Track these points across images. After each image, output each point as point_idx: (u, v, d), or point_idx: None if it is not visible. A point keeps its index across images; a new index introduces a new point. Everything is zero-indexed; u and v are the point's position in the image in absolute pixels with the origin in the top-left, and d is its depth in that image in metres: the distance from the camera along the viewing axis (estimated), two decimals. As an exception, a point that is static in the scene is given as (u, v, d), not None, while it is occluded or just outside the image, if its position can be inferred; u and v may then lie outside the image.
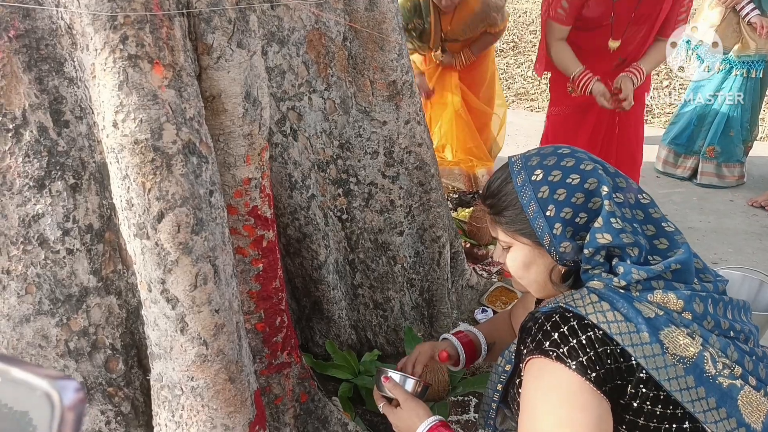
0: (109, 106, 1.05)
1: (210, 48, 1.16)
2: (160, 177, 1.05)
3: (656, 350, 0.77)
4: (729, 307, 0.87)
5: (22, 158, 1.14)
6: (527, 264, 0.92)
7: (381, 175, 1.83)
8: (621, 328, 0.78)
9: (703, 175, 3.50)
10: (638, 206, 0.88)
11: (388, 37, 1.72)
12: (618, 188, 0.86)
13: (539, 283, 0.93)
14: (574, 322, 0.81)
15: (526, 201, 0.87)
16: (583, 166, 0.86)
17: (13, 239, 1.17)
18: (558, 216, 0.84)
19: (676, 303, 0.80)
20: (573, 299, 0.84)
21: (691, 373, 0.77)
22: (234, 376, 1.16)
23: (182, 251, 1.08)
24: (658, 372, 0.77)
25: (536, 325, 0.85)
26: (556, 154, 0.89)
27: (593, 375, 0.77)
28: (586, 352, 0.78)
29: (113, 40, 1.02)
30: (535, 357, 0.82)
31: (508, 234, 0.91)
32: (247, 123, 1.26)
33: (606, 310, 0.80)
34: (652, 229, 0.87)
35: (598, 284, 0.83)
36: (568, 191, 0.85)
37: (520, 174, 0.89)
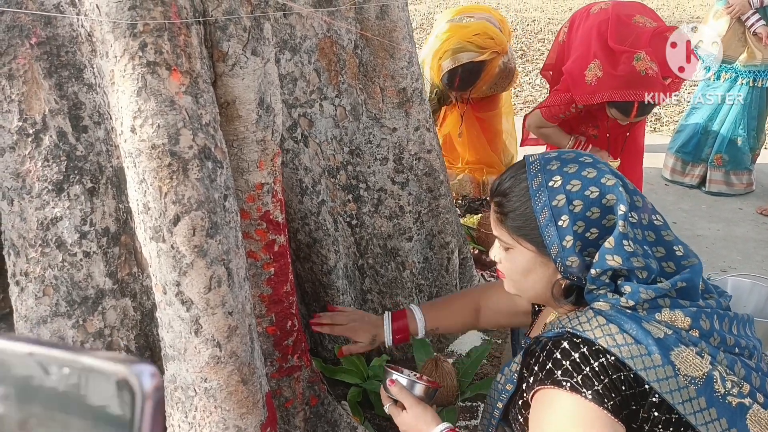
0: (128, 112, 1.08)
1: (225, 55, 1.19)
2: (176, 181, 1.07)
3: (668, 372, 0.76)
4: (734, 323, 0.86)
5: (41, 162, 1.17)
6: (527, 270, 0.89)
7: (390, 181, 1.85)
8: (632, 351, 0.76)
9: (711, 183, 3.50)
10: (651, 227, 0.85)
11: (399, 45, 1.75)
12: (634, 207, 0.84)
13: (536, 291, 0.91)
14: (584, 348, 0.78)
15: (540, 207, 0.84)
16: (604, 180, 0.83)
17: (31, 242, 1.19)
18: (570, 228, 0.82)
19: (683, 321, 0.79)
20: (580, 323, 0.81)
21: (702, 394, 0.76)
22: (246, 377, 1.17)
23: (197, 254, 1.10)
24: (671, 395, 0.75)
25: (544, 351, 0.82)
26: (577, 162, 0.86)
27: (610, 403, 0.75)
28: (601, 380, 0.76)
29: (132, 47, 1.04)
30: (547, 388, 0.80)
31: (512, 236, 0.89)
32: (261, 129, 1.28)
33: (615, 333, 0.78)
34: (662, 251, 0.85)
35: (605, 305, 0.81)
36: (585, 204, 0.82)
37: (537, 177, 0.86)
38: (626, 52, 2.13)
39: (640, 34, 2.17)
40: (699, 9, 8.79)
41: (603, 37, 2.24)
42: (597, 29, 2.27)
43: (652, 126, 4.79)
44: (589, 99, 2.20)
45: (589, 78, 2.19)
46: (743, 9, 3.07)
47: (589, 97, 2.20)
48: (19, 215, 1.18)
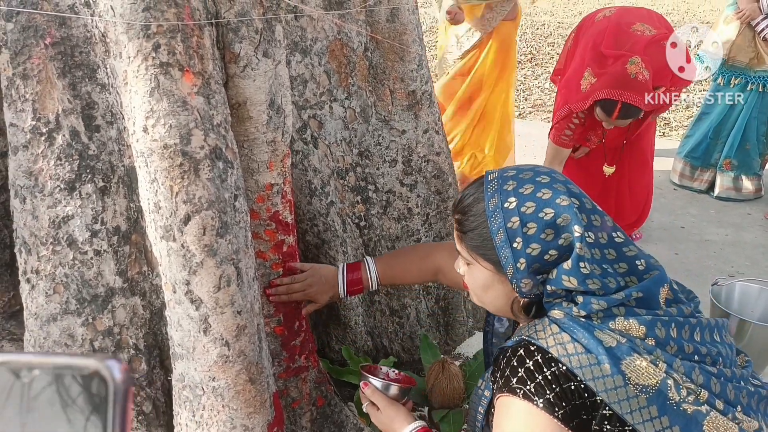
0: (140, 112, 1.09)
1: (237, 57, 1.20)
2: (187, 181, 1.08)
3: (618, 382, 0.76)
4: (697, 330, 0.85)
5: (54, 161, 1.18)
6: (486, 287, 0.90)
7: (399, 183, 1.85)
8: (581, 361, 0.77)
9: (720, 188, 3.48)
10: (611, 245, 0.85)
11: (409, 47, 1.75)
12: (591, 227, 0.84)
13: (497, 306, 0.92)
14: (538, 356, 0.80)
15: (495, 228, 0.84)
16: (559, 201, 0.83)
17: (43, 240, 1.20)
18: (524, 251, 0.82)
19: (638, 329, 0.79)
20: (536, 331, 0.83)
21: (654, 402, 0.76)
22: (254, 377, 1.18)
23: (207, 253, 1.10)
24: (620, 405, 0.76)
25: (504, 359, 0.84)
26: (533, 182, 0.86)
27: (560, 412, 0.76)
28: (552, 388, 0.77)
29: (146, 48, 1.05)
30: (504, 395, 0.82)
31: (471, 254, 0.90)
32: (271, 130, 1.29)
33: (566, 342, 0.79)
34: (624, 266, 0.85)
35: (559, 314, 0.82)
36: (538, 226, 0.82)
37: (493, 197, 0.86)
38: (622, 56, 2.12)
39: (636, 41, 2.17)
40: (709, 14, 8.75)
41: (597, 48, 2.25)
42: (594, 40, 2.28)
43: (661, 131, 4.77)
44: (583, 104, 2.20)
45: (584, 86, 2.20)
46: (753, 14, 3.06)
47: (582, 102, 2.20)
48: (31, 213, 1.20)
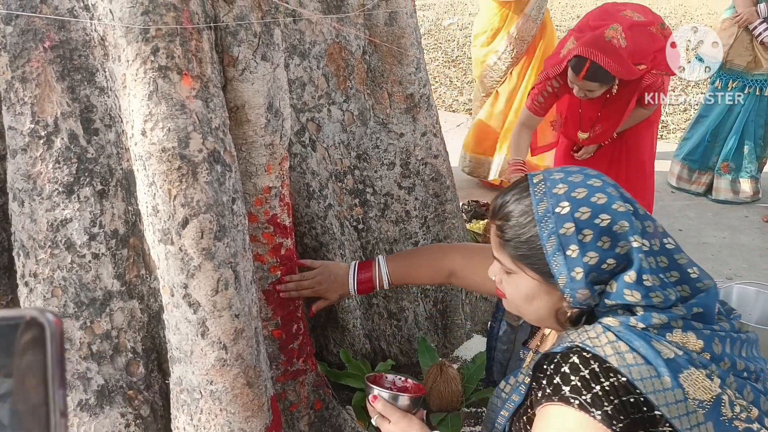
0: (139, 115, 1.09)
1: (235, 60, 1.20)
2: (185, 184, 1.08)
3: (678, 396, 0.73)
4: (744, 345, 0.84)
5: (52, 164, 1.18)
6: (530, 297, 0.85)
7: (397, 186, 1.86)
8: (642, 373, 0.74)
9: (718, 191, 3.49)
10: (663, 252, 0.82)
11: (407, 51, 1.76)
12: (646, 233, 0.80)
13: (539, 316, 0.87)
14: (595, 365, 0.76)
15: (546, 234, 0.79)
16: (615, 206, 0.79)
17: (41, 243, 1.20)
18: (580, 259, 0.77)
19: (695, 343, 0.77)
20: (589, 338, 0.78)
21: (710, 418, 0.74)
22: (252, 380, 1.18)
23: (205, 257, 1.10)
24: (680, 420, 0.73)
25: (552, 365, 0.80)
26: (586, 186, 0.81)
27: (619, 426, 0.73)
28: (611, 400, 0.74)
29: (145, 51, 1.06)
30: (554, 404, 0.77)
31: (515, 262, 0.83)
32: (269, 133, 1.29)
33: (624, 352, 0.75)
34: (676, 275, 0.82)
35: (614, 322, 0.78)
36: (594, 233, 0.77)
37: (542, 201, 0.81)
38: (604, 24, 2.14)
39: (622, 20, 2.18)
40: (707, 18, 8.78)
41: (585, 22, 2.28)
42: (584, 18, 2.33)
43: (659, 133, 4.78)
44: (559, 66, 2.21)
45: (563, 52, 2.21)
46: (751, 18, 3.07)
47: (559, 64, 2.21)
48: (29, 217, 1.20)
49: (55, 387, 0.29)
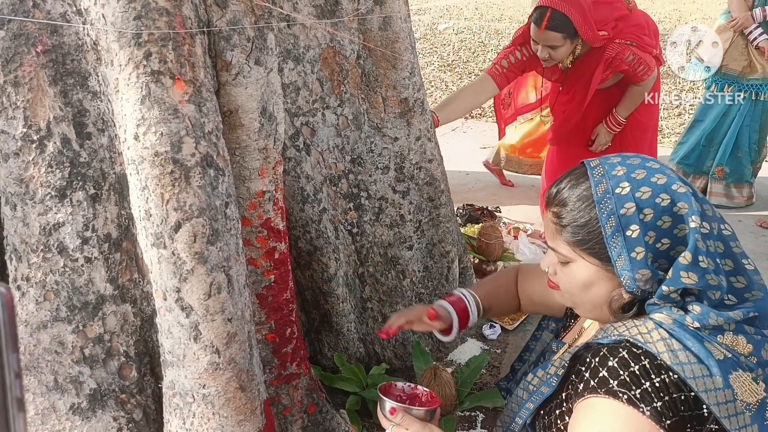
0: (131, 120, 1.09)
1: (229, 65, 1.20)
2: (178, 188, 1.08)
3: (728, 396, 0.73)
4: None
5: (45, 168, 1.18)
6: (587, 285, 0.83)
7: (391, 190, 1.86)
8: (695, 372, 0.73)
9: (712, 196, 3.50)
10: (720, 238, 0.80)
11: (401, 55, 1.76)
12: (705, 216, 0.79)
13: (594, 305, 0.85)
14: (645, 361, 0.75)
15: (606, 215, 0.78)
16: (675, 187, 0.78)
17: (33, 247, 1.20)
18: (641, 239, 0.76)
19: (745, 347, 0.76)
20: (640, 333, 0.77)
21: (756, 421, 0.74)
22: (245, 384, 1.18)
23: (198, 261, 1.10)
24: (729, 421, 0.73)
25: (596, 357, 0.78)
26: (644, 168, 0.80)
27: (668, 423, 0.72)
28: (661, 397, 0.73)
29: (137, 56, 1.06)
30: (600, 396, 0.75)
31: (573, 249, 0.82)
32: (263, 137, 1.29)
33: (678, 350, 0.74)
34: (731, 264, 0.80)
35: (666, 319, 0.77)
36: (655, 212, 0.76)
37: (601, 183, 0.79)
38: None
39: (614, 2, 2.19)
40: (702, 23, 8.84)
41: None
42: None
43: (654, 137, 4.80)
44: (527, 26, 2.19)
45: None
46: (746, 23, 3.09)
47: (528, 24, 2.18)
48: (21, 220, 1.19)
49: (9, 351, 0.33)
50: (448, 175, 2.12)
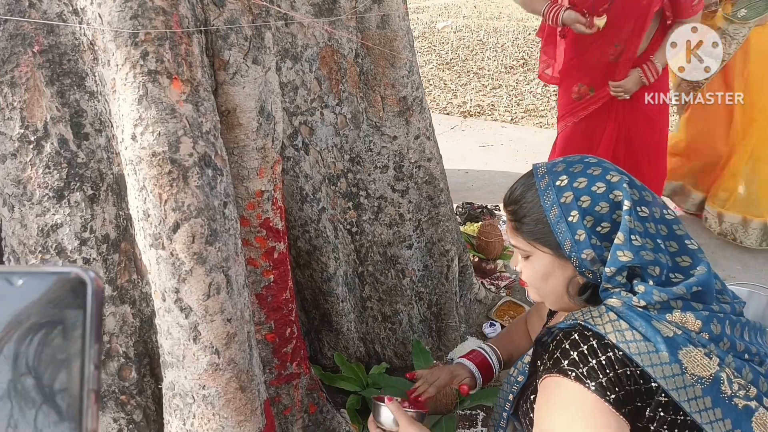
0: (129, 120, 1.08)
1: (226, 64, 1.20)
2: (176, 188, 1.08)
3: (675, 370, 0.76)
4: (746, 329, 0.86)
5: (42, 169, 1.18)
6: (546, 275, 0.90)
7: (391, 189, 1.86)
8: (640, 348, 0.77)
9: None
10: (663, 221, 0.86)
11: (399, 54, 1.76)
12: (644, 202, 0.85)
13: (556, 294, 0.92)
14: (593, 342, 0.80)
15: (548, 205, 0.86)
16: (609, 177, 0.85)
17: (31, 248, 1.20)
18: (581, 222, 0.84)
19: (694, 323, 0.80)
20: (591, 317, 0.83)
21: (708, 393, 0.76)
22: (245, 385, 1.17)
23: (196, 261, 1.10)
24: (678, 393, 0.76)
25: (554, 341, 0.84)
26: (582, 162, 0.89)
27: (612, 397, 0.76)
28: (606, 373, 0.77)
29: (134, 56, 1.05)
30: (553, 375, 0.81)
31: (529, 242, 0.90)
32: (261, 137, 1.29)
33: (625, 330, 0.79)
34: (675, 246, 0.86)
35: (617, 302, 0.82)
36: (592, 199, 0.84)
37: (544, 178, 0.89)
38: None
39: None
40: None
41: None
42: None
43: (653, 135, 4.81)
44: None
45: None
46: None
47: None
48: (19, 222, 1.19)
49: (92, 341, 0.32)
50: (447, 173, 2.12)
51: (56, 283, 0.32)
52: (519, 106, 5.54)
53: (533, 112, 5.39)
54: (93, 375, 0.32)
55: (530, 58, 7.11)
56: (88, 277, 0.32)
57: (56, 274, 0.32)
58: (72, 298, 0.32)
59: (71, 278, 0.32)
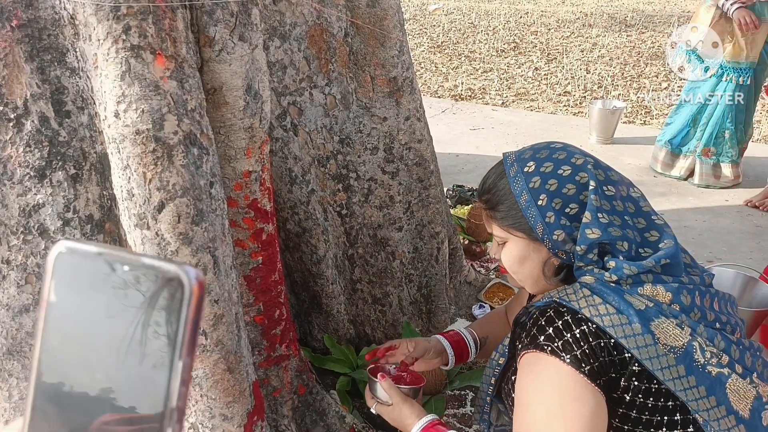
0: (111, 97, 1.06)
1: (212, 40, 1.17)
2: (160, 167, 1.06)
3: (648, 341, 0.79)
4: (715, 299, 0.89)
5: (23, 148, 1.15)
6: (522, 258, 0.93)
7: (381, 170, 1.84)
8: (613, 321, 0.80)
9: (699, 176, 3.52)
10: (629, 199, 0.89)
11: (389, 33, 1.73)
12: (610, 181, 0.88)
13: (533, 277, 0.94)
14: (568, 317, 0.82)
15: (518, 191, 0.89)
16: (574, 160, 0.88)
17: (13, 229, 1.17)
18: (550, 205, 0.86)
19: (664, 295, 0.82)
20: (566, 294, 0.85)
21: (681, 362, 0.79)
22: (233, 366, 1.16)
23: (182, 241, 1.08)
24: (651, 362, 0.78)
25: (530, 319, 0.86)
26: (548, 148, 0.91)
27: (587, 368, 0.79)
28: (580, 345, 0.79)
29: (116, 30, 1.02)
30: (530, 351, 0.83)
31: (503, 228, 0.92)
32: (248, 116, 1.26)
33: (598, 304, 0.82)
34: (643, 222, 0.89)
35: (590, 279, 0.85)
36: (559, 182, 0.86)
37: (512, 166, 0.91)
38: None
39: None
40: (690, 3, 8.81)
41: None
42: None
43: (642, 119, 4.81)
44: None
45: None
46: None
47: None
48: (0, 202, 1.16)
49: (181, 354, 0.27)
50: (438, 156, 2.10)
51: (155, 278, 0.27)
52: (510, 90, 5.51)
53: (524, 96, 5.38)
54: (179, 392, 0.27)
55: (521, 41, 7.07)
56: (188, 278, 0.27)
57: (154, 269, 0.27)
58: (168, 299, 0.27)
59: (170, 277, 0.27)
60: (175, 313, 0.27)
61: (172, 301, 0.27)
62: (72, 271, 0.28)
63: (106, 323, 0.28)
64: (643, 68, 5.94)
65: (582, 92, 5.37)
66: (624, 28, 7.56)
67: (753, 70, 3.23)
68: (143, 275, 0.28)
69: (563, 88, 5.49)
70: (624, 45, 6.77)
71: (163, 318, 0.27)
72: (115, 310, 0.28)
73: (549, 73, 5.93)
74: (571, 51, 6.60)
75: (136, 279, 0.28)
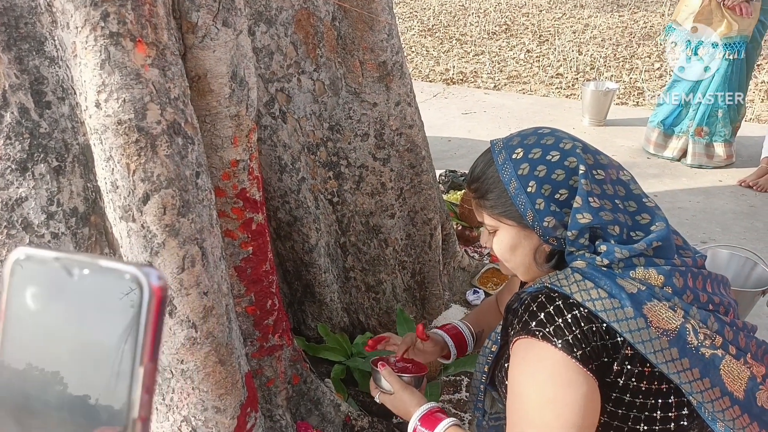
0: (91, 86, 1.03)
1: (195, 26, 1.14)
2: (144, 158, 1.03)
3: (641, 324, 0.78)
4: (708, 281, 0.88)
5: (3, 140, 1.12)
6: (513, 246, 0.92)
7: (372, 157, 1.82)
8: (605, 305, 0.79)
9: (692, 156, 3.52)
10: (619, 183, 0.88)
11: (378, 16, 1.70)
12: (599, 165, 0.86)
13: (525, 265, 0.93)
14: (559, 302, 0.81)
15: (507, 178, 0.87)
16: (562, 145, 0.87)
17: (-4, 223, 1.15)
18: (539, 192, 0.85)
19: (656, 278, 0.82)
20: (558, 279, 0.84)
21: (675, 345, 0.78)
22: (224, 358, 1.15)
23: (169, 233, 1.06)
24: (644, 345, 0.77)
25: (522, 305, 0.85)
26: (536, 134, 0.90)
27: (579, 353, 0.78)
28: (572, 330, 0.79)
29: (94, 17, 0.99)
30: (522, 337, 0.83)
31: (493, 217, 0.91)
32: (234, 104, 1.24)
33: (590, 288, 0.81)
34: (634, 205, 0.88)
35: (581, 264, 0.84)
36: (548, 168, 0.85)
37: (500, 153, 0.90)
38: None
39: None
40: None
41: None
42: None
43: (635, 100, 4.78)
44: None
45: None
46: None
47: None
48: (-18, 196, 1.14)
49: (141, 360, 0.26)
50: (430, 141, 2.08)
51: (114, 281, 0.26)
52: (502, 73, 5.47)
53: (516, 79, 5.34)
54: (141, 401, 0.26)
55: (513, 23, 7.01)
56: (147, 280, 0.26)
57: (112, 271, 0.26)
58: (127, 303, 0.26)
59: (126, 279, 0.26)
60: (135, 317, 0.26)
61: (131, 304, 0.26)
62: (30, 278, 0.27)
63: (66, 330, 0.26)
64: (635, 49, 5.91)
65: (574, 74, 5.34)
66: (616, 8, 7.50)
67: (745, 44, 3.21)
68: (102, 279, 0.26)
69: (555, 71, 5.46)
70: (616, 26, 6.72)
71: (122, 322, 0.26)
72: (75, 316, 0.26)
73: (541, 55, 5.89)
74: (563, 32, 6.55)
75: (95, 283, 0.26)
